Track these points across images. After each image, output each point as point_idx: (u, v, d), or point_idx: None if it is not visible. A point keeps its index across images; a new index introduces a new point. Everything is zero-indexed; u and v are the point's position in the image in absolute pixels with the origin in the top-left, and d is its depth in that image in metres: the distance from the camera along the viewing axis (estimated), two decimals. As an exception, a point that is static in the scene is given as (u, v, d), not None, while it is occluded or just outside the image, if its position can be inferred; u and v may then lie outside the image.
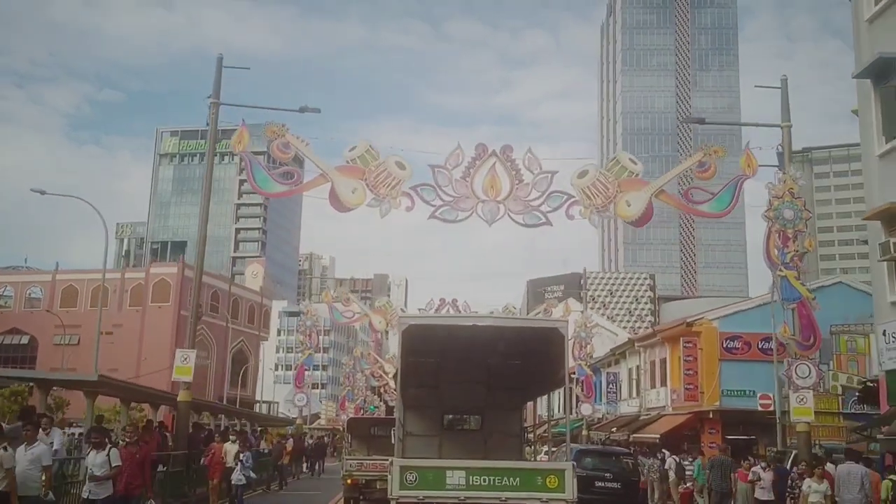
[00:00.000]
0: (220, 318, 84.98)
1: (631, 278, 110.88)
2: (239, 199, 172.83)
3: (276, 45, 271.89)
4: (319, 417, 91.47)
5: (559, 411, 60.04)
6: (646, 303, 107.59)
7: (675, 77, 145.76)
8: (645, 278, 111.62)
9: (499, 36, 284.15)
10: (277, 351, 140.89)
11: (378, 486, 19.29)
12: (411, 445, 13.78)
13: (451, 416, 14.91)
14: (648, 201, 19.42)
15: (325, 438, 67.28)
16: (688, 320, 33.15)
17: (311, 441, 42.39)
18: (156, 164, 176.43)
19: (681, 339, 32.26)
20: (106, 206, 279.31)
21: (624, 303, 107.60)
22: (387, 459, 19.17)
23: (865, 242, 20.87)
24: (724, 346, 31.85)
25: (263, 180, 20.20)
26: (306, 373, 41.92)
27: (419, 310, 39.68)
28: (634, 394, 41.06)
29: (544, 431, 57.09)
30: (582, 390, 41.92)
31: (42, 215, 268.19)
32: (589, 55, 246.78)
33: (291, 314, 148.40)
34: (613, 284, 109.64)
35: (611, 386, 43.08)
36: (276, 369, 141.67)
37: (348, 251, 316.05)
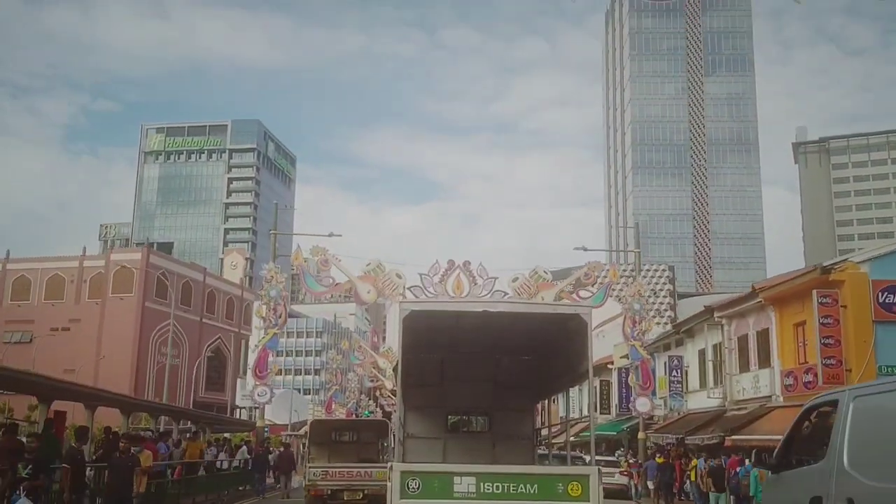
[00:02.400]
0: (194, 311, 73.86)
1: (648, 270, 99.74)
2: (228, 198, 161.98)
3: (273, 54, 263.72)
4: (307, 424, 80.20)
5: (587, 410, 48.84)
6: (665, 296, 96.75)
7: (685, 61, 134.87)
8: (664, 270, 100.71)
9: (494, 43, 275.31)
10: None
11: (346, 498, 18.88)
12: (412, 449, 12.46)
13: (455, 417, 13.65)
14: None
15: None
16: (824, 264, 22.08)
17: (277, 449, 31.38)
18: (140, 162, 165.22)
19: (813, 293, 21.19)
20: (97, 214, 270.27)
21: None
22: (352, 467, 19.43)
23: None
24: (880, 301, 20.89)
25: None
26: (271, 359, 31.09)
27: (420, 275, 32.73)
28: (711, 382, 30.03)
29: (576, 437, 46.11)
30: (636, 380, 31.05)
31: (33, 227, 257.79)
32: (585, 62, 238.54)
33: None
34: (629, 277, 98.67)
35: (674, 374, 32.10)
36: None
37: (343, 251, 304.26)
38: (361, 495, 18.79)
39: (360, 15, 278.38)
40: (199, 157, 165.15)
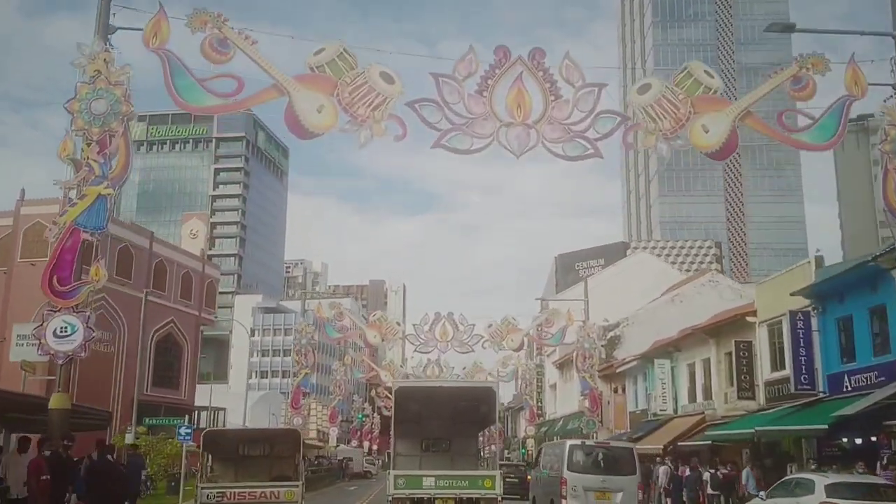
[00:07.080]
0: (135, 286, 55.25)
1: (692, 247, 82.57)
2: (214, 190, 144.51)
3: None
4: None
5: (675, 400, 31.15)
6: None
7: (716, 30, 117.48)
8: (710, 247, 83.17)
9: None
10: (252, 355, 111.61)
11: None
12: (400, 462, 18.95)
13: (428, 442, 20.28)
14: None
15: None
16: None
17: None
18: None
19: None
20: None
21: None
22: (256, 487, 17.39)
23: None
24: None
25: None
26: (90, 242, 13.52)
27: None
28: None
29: (690, 441, 28.22)
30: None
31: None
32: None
33: (268, 310, 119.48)
34: (669, 256, 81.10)
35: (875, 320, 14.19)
36: (251, 377, 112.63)
37: (342, 258, 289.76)
38: None
39: (360, 27, 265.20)
40: (184, 147, 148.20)
